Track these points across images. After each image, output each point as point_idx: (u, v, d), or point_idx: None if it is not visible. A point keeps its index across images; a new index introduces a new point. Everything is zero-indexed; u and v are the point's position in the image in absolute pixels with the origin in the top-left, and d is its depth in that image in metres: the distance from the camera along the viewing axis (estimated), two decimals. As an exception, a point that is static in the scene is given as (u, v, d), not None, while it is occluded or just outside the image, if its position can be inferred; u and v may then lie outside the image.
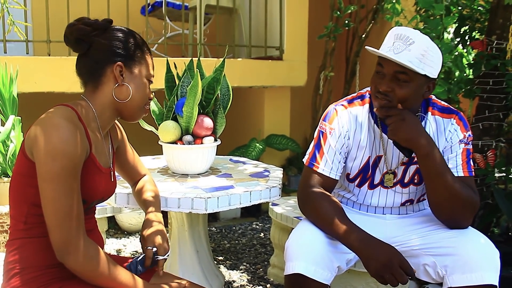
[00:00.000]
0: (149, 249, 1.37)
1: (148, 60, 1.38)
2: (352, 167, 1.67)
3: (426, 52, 1.47)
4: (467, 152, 1.59)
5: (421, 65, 1.46)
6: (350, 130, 1.64)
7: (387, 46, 1.50)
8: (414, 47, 1.45)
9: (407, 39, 1.46)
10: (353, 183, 1.70)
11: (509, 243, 2.45)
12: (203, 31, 3.93)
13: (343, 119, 1.64)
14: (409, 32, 1.48)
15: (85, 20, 1.32)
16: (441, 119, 1.62)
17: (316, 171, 1.62)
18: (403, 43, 1.46)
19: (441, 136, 1.61)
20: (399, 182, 1.66)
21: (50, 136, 1.16)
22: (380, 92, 1.52)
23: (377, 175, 1.67)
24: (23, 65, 2.89)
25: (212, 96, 1.95)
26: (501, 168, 2.56)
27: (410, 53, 1.45)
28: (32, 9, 3.83)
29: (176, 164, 1.95)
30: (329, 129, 1.64)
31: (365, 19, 4.17)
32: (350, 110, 1.66)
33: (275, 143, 3.80)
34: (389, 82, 1.50)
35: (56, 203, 1.16)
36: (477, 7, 2.72)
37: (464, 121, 1.62)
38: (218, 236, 3.42)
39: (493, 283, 1.40)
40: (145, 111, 1.42)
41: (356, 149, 1.65)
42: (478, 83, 2.55)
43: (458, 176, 1.55)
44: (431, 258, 1.51)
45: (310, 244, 1.47)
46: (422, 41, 1.47)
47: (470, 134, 1.61)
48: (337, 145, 1.63)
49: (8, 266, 1.25)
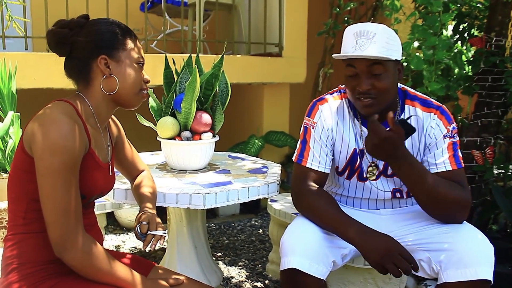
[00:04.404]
0: (144, 224, 1.40)
1: (133, 44, 1.35)
2: (339, 159, 1.69)
3: (388, 39, 1.50)
4: (453, 145, 1.58)
5: (389, 52, 1.49)
6: (332, 122, 1.66)
7: (351, 47, 1.50)
8: (378, 38, 1.48)
9: (369, 33, 1.48)
10: (342, 176, 1.71)
11: (507, 240, 2.45)
12: (203, 28, 3.93)
13: (325, 112, 1.67)
14: (368, 27, 1.49)
15: (61, 22, 1.31)
16: (421, 113, 1.62)
17: (305, 166, 1.63)
18: (366, 38, 1.47)
19: (422, 132, 1.61)
20: (382, 173, 1.67)
21: (48, 132, 1.16)
22: (362, 92, 1.52)
23: (364, 167, 1.68)
24: (22, 61, 2.89)
25: (210, 92, 1.96)
26: (500, 165, 2.56)
27: (377, 44, 1.47)
28: (31, 5, 3.82)
29: (175, 160, 1.95)
30: (312, 123, 1.67)
31: (365, 16, 4.16)
32: (331, 103, 1.68)
33: (274, 140, 3.81)
34: (366, 79, 1.51)
35: (55, 199, 1.16)
36: (476, 4, 2.71)
37: (447, 115, 1.61)
38: (217, 232, 3.42)
39: (487, 278, 1.40)
40: (142, 96, 1.39)
41: (340, 141, 1.66)
42: (477, 80, 2.55)
43: (447, 170, 1.55)
44: (426, 254, 1.51)
45: (305, 239, 1.47)
46: (382, 30, 1.49)
47: (454, 126, 1.60)
48: (321, 138, 1.65)
49: (6, 261, 1.26)
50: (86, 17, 1.34)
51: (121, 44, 1.32)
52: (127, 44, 1.34)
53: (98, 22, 1.33)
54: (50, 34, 1.30)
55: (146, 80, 1.39)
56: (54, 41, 1.30)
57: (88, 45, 1.29)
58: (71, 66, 1.33)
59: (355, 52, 1.48)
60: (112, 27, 1.32)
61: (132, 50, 1.35)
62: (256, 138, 3.76)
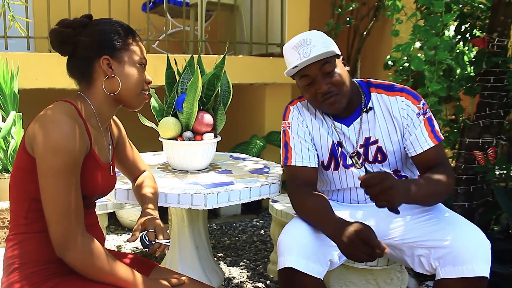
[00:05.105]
0: (151, 232, 1.35)
1: (135, 45, 1.35)
2: (322, 152, 1.73)
3: (323, 38, 1.62)
4: (428, 121, 1.64)
5: (330, 47, 1.59)
6: (306, 118, 1.74)
7: (295, 59, 1.60)
8: (314, 41, 1.58)
9: (305, 41, 1.59)
10: (329, 169, 1.74)
11: (509, 240, 2.45)
12: (204, 28, 3.93)
13: (296, 111, 1.76)
14: (301, 37, 1.60)
15: (64, 22, 1.31)
16: (387, 97, 1.68)
17: (291, 165, 1.68)
18: (305, 45, 1.58)
19: (393, 114, 1.66)
20: (366, 160, 1.71)
21: (50, 132, 1.16)
22: (324, 93, 1.60)
23: (346, 154, 1.71)
24: (24, 61, 2.89)
25: (212, 93, 1.96)
26: (502, 166, 2.56)
27: (316, 47, 1.57)
28: (33, 5, 3.83)
29: (176, 160, 1.95)
30: (287, 124, 1.75)
31: (367, 16, 4.16)
32: (300, 103, 1.78)
33: (275, 140, 3.80)
34: (322, 80, 1.60)
35: (56, 199, 1.17)
36: (478, 5, 2.71)
37: (413, 93, 1.67)
38: (219, 233, 3.42)
39: (484, 275, 1.41)
40: (144, 97, 1.39)
41: (318, 135, 1.72)
42: (479, 81, 2.55)
43: (430, 147, 1.61)
44: (425, 250, 1.53)
45: (301, 238, 1.48)
46: (314, 34, 1.61)
47: (423, 102, 1.66)
48: (299, 134, 1.71)
49: (8, 261, 1.26)
50: (89, 17, 1.34)
51: (124, 44, 1.32)
52: (130, 44, 1.33)
53: (101, 22, 1.33)
54: (53, 34, 1.30)
55: (148, 81, 1.39)
56: (57, 41, 1.30)
57: (91, 45, 1.29)
58: (73, 66, 1.33)
59: (299, 61, 1.58)
60: (115, 28, 1.32)
61: (135, 50, 1.34)
62: (258, 139, 3.76)
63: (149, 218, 1.41)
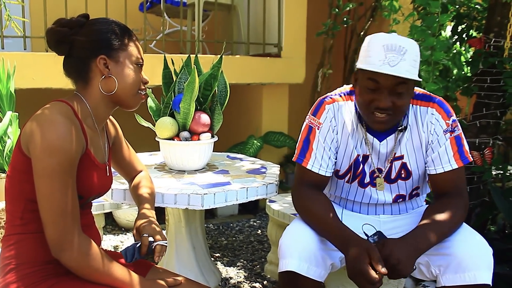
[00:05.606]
0: (145, 237, 1.34)
1: (132, 45, 1.34)
2: (342, 163, 1.64)
3: (417, 57, 1.46)
4: (456, 139, 1.55)
5: (416, 71, 1.46)
6: (338, 124, 1.61)
7: (378, 60, 1.42)
8: (408, 56, 1.42)
9: (400, 48, 1.42)
10: (343, 180, 1.68)
11: (505, 240, 2.45)
12: (202, 28, 3.93)
13: (331, 113, 1.61)
14: (400, 41, 1.44)
15: (61, 21, 1.30)
16: (418, 108, 1.58)
17: (305, 167, 1.59)
18: (397, 54, 1.41)
19: (422, 128, 1.57)
20: (385, 179, 1.64)
21: (46, 132, 1.16)
22: (380, 108, 1.47)
23: (367, 173, 1.64)
24: (21, 61, 2.88)
25: (209, 93, 1.96)
26: (498, 166, 2.56)
27: (406, 62, 1.42)
28: (30, 5, 3.82)
29: (173, 161, 1.95)
30: (317, 123, 1.60)
31: (364, 16, 4.17)
32: (338, 104, 1.62)
33: (273, 140, 3.81)
34: (388, 96, 1.45)
35: (52, 199, 1.16)
36: (474, 5, 2.72)
37: (445, 107, 1.57)
38: (216, 233, 3.42)
39: (486, 282, 1.39)
40: (141, 97, 1.38)
41: (345, 145, 1.62)
42: (475, 81, 2.55)
43: (453, 169, 1.53)
44: (424, 258, 1.49)
45: (303, 242, 1.46)
46: (412, 47, 1.45)
47: (454, 119, 1.56)
48: (326, 140, 1.59)
49: (4, 261, 1.25)
50: (86, 17, 1.34)
51: (121, 44, 1.32)
52: (127, 44, 1.33)
53: (98, 21, 1.33)
54: (49, 33, 1.30)
55: (145, 81, 1.38)
56: (53, 40, 1.29)
57: (88, 45, 1.29)
58: (70, 66, 1.32)
59: (382, 66, 1.41)
60: (112, 27, 1.32)
61: (132, 50, 1.34)
62: (255, 139, 3.76)
63: (144, 220, 1.40)
